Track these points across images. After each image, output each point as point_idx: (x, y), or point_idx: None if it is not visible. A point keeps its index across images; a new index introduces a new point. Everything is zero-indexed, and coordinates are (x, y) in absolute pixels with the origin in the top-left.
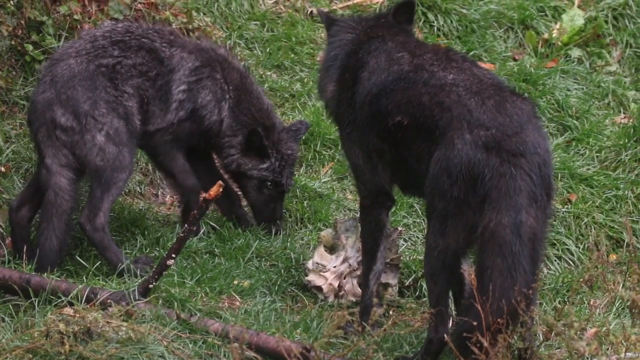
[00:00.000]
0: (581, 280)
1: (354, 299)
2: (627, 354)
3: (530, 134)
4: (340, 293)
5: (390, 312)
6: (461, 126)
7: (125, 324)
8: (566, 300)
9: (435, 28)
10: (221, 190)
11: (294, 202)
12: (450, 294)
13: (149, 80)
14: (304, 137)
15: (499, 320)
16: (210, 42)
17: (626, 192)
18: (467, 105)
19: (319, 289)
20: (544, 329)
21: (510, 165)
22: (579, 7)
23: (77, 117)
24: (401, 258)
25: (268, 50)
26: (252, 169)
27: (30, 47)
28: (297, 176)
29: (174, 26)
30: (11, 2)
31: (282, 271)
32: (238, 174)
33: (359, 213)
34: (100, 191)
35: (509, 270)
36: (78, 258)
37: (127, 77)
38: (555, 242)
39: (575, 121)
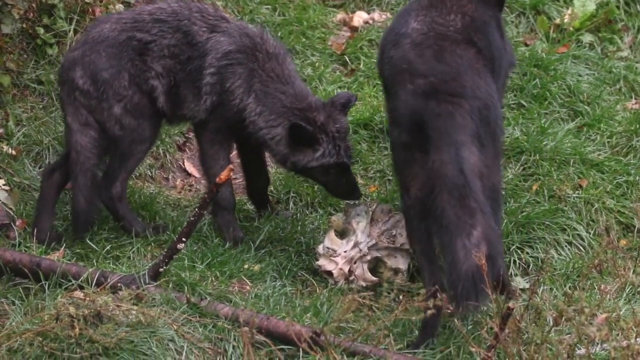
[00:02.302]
0: (591, 265)
1: (364, 284)
2: (638, 339)
3: (469, 78)
4: (351, 278)
5: (401, 297)
6: (403, 79)
7: (135, 307)
8: (576, 285)
9: None
10: (232, 174)
11: (305, 187)
12: None
13: (180, 63)
14: None
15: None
16: (261, 29)
17: (637, 177)
18: (407, 57)
19: (330, 273)
20: (554, 314)
21: (447, 104)
22: None
23: (95, 83)
24: None
25: (279, 34)
26: (309, 161)
27: (41, 31)
28: None
29: None
30: None
31: (293, 255)
32: (299, 170)
33: None
34: (119, 161)
35: (458, 202)
36: (88, 242)
37: (159, 56)
38: (565, 227)
39: (586, 107)
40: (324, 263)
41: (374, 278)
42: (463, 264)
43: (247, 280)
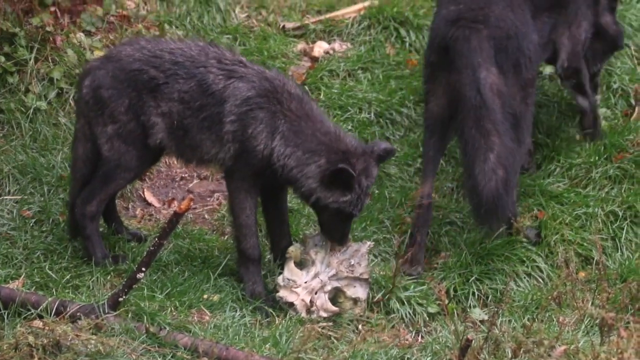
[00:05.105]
0: (550, 297)
1: (325, 314)
2: None
3: (496, 9)
4: (312, 308)
5: (360, 328)
6: (443, 2)
7: (94, 337)
8: (535, 317)
9: (407, 44)
10: (192, 204)
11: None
12: None
13: (190, 109)
14: None
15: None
16: (277, 71)
17: (596, 209)
18: None
19: (291, 305)
20: (513, 346)
21: (465, 29)
22: None
23: (95, 97)
24: (371, 274)
25: None
26: (333, 202)
27: (2, 59)
28: None
29: None
30: None
31: None
32: (316, 205)
33: None
34: (100, 181)
35: (475, 123)
36: (48, 271)
37: (168, 98)
38: (524, 259)
39: (546, 138)
40: (285, 294)
41: (335, 308)
42: (483, 189)
43: (206, 310)
